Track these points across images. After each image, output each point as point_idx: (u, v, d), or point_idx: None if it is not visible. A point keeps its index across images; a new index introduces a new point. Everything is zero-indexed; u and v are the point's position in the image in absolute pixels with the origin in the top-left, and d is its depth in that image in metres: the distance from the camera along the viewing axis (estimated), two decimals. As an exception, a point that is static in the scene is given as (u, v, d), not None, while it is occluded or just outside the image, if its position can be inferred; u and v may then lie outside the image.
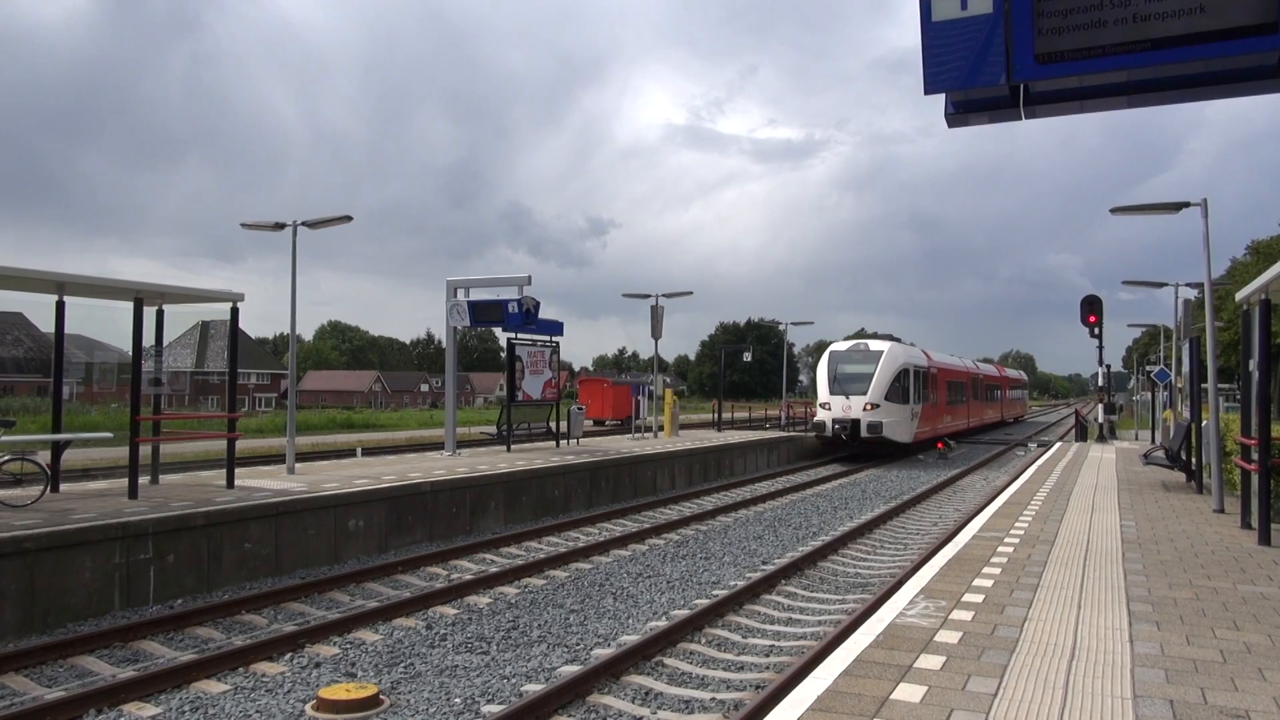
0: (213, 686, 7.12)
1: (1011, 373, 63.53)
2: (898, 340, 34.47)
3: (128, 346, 11.96)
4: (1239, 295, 11.46)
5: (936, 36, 4.01)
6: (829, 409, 28.42)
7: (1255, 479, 10.76)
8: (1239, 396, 13.88)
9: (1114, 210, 15.76)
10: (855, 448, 28.62)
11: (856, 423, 27.68)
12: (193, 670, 7.31)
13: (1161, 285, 26.49)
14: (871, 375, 28.31)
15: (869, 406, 27.81)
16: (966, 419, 40.80)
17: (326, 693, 6.73)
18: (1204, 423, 14.27)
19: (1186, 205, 14.04)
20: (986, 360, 64.07)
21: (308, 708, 6.67)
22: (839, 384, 28.72)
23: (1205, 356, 13.75)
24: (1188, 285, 25.63)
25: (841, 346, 30.69)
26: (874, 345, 30.35)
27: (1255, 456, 10.62)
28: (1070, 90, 4.18)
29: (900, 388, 28.86)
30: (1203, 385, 15.76)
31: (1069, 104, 4.29)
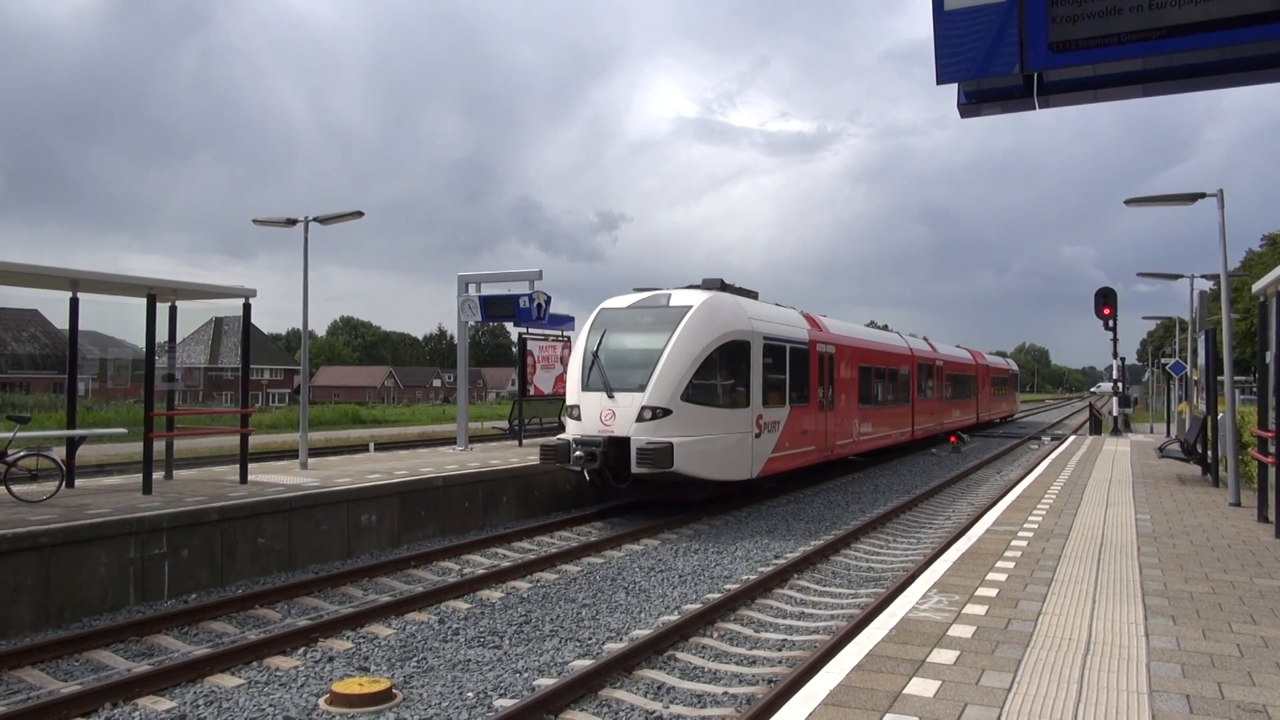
0: (227, 680, 7.15)
1: (993, 360, 46.58)
2: (732, 289, 17.25)
3: (141, 343, 12.03)
4: (1255, 287, 11.36)
5: (949, 26, 3.97)
6: (578, 417, 14.85)
7: (1272, 472, 10.67)
8: (1255, 389, 13.76)
9: (1128, 201, 15.64)
10: (625, 488, 14.85)
11: (621, 443, 14.14)
12: (207, 664, 7.35)
13: (1177, 277, 26.28)
14: (659, 354, 14.53)
15: (647, 413, 14.19)
16: (909, 424, 27.48)
17: (340, 686, 6.75)
18: (1220, 415, 14.16)
19: (1202, 196, 13.91)
20: (968, 347, 44.32)
21: (321, 701, 6.70)
22: (600, 370, 14.91)
23: (1221, 348, 13.63)
24: (1203, 277, 25.44)
25: (620, 301, 16.16)
26: (679, 297, 15.60)
27: (1272, 449, 10.52)
28: (1084, 79, 4.13)
29: (721, 377, 15.14)
30: (1219, 378, 15.63)
31: (1083, 93, 4.24)
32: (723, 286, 16.81)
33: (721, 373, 15.10)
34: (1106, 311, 25.86)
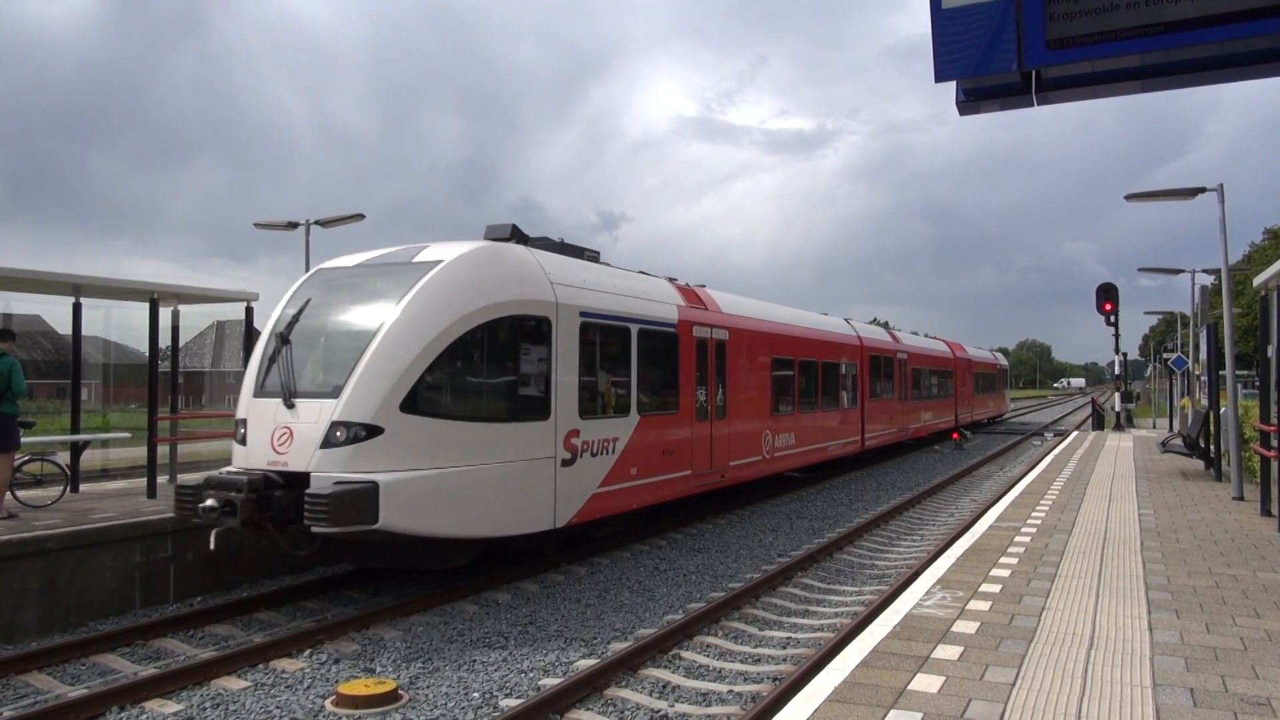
0: (233, 683, 7.17)
1: (976, 353, 40.49)
2: (537, 243, 11.80)
3: (144, 347, 12.07)
4: (1257, 281, 11.37)
5: (947, 24, 3.99)
6: (243, 440, 9.27)
7: (1275, 466, 10.69)
8: (1258, 383, 13.76)
9: (1129, 197, 15.65)
10: (310, 555, 9.29)
11: (298, 482, 8.57)
12: (213, 667, 7.36)
13: (1178, 272, 26.31)
14: (370, 338, 9.03)
15: (340, 432, 8.61)
16: (856, 431, 21.92)
17: (346, 688, 6.77)
18: (1222, 410, 14.16)
19: (1202, 191, 13.93)
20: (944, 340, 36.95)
21: (328, 703, 6.72)
22: (283, 364, 9.33)
23: (1223, 343, 13.64)
24: (1205, 271, 25.46)
25: (346, 261, 10.59)
26: (433, 252, 10.03)
27: (1275, 443, 10.53)
28: (1083, 75, 4.15)
29: (488, 373, 9.98)
30: (1221, 372, 15.63)
31: (1082, 90, 4.26)
32: (517, 236, 11.28)
33: (489, 366, 9.77)
34: (1108, 307, 25.89)
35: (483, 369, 9.83)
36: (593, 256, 12.91)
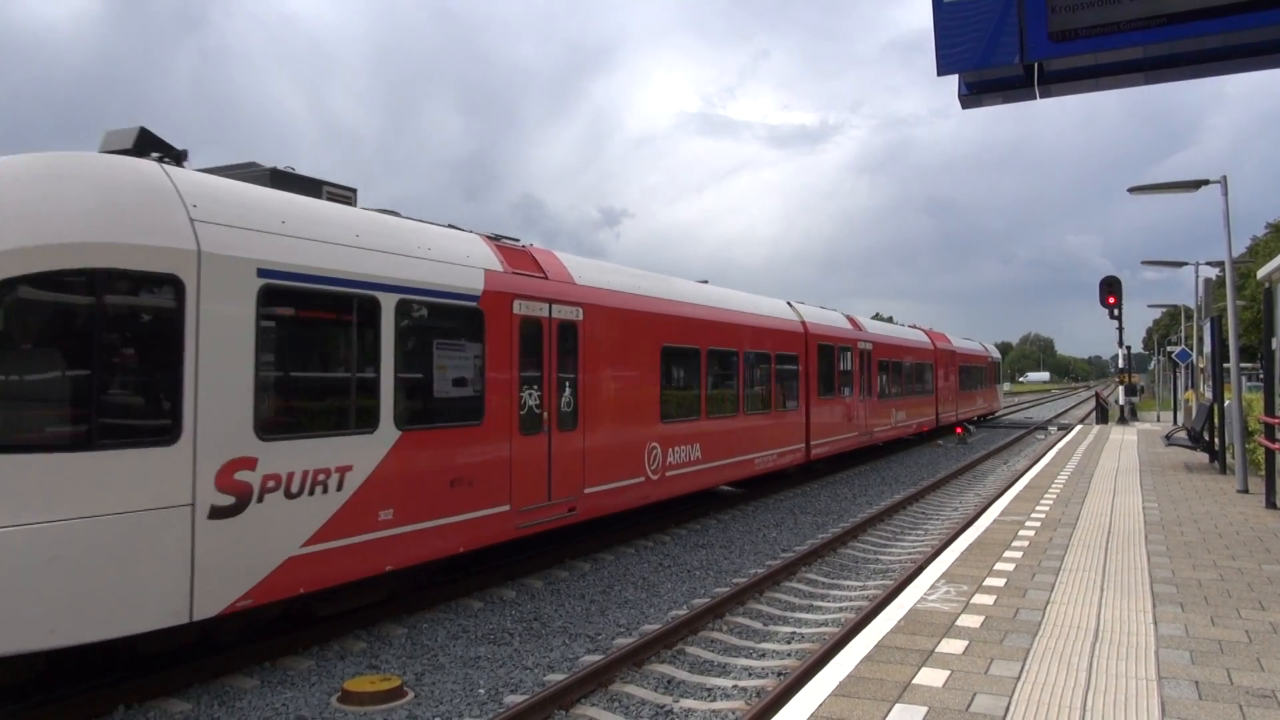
0: (241, 681, 7.19)
1: (962, 344, 35.79)
2: (128, 151, 6.88)
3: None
4: (1260, 273, 11.35)
5: (948, 17, 3.98)
6: None
7: (1279, 458, 10.67)
8: (1262, 375, 13.74)
9: (1132, 190, 15.62)
10: None
11: None
12: (220, 665, 7.37)
13: (1182, 265, 26.23)
14: None
15: None
16: (800, 438, 18.18)
17: (352, 685, 6.79)
18: (1226, 402, 14.14)
19: (1205, 183, 13.89)
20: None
21: (334, 700, 6.74)
22: None
23: (1227, 336, 13.61)
24: (1208, 264, 25.39)
25: None
26: None
27: (1279, 435, 10.52)
28: (1085, 68, 4.14)
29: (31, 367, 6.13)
30: (1225, 365, 15.61)
31: (1084, 82, 4.25)
32: (146, 145, 7.17)
33: (32, 356, 6.23)
34: (1111, 301, 25.87)
35: (16, 361, 6.09)
36: (341, 196, 8.82)
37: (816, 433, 18.91)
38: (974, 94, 4.32)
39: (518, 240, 11.11)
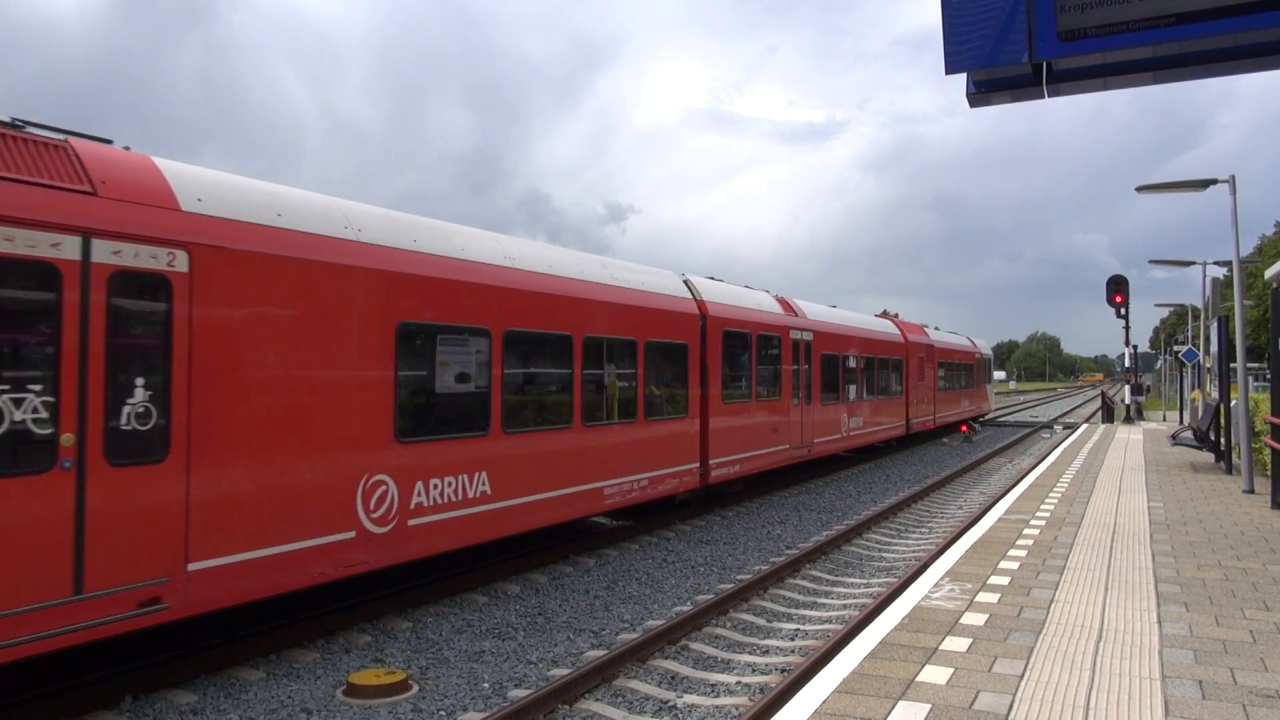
0: (247, 673, 7.22)
1: (941, 337, 31.42)
2: None
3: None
4: (1268, 273, 11.31)
5: (957, 15, 3.98)
6: None
7: (1286, 459, 10.64)
8: (1269, 375, 13.71)
9: (1140, 189, 15.56)
10: None
11: None
12: (226, 657, 7.41)
13: (1189, 264, 26.12)
14: None
15: None
16: (693, 455, 13.86)
17: (357, 678, 6.82)
18: (1233, 402, 14.11)
19: (1214, 182, 13.84)
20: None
21: (339, 693, 6.77)
22: None
23: (1234, 335, 13.57)
24: (1216, 264, 25.28)
25: None
26: None
27: (1286, 436, 10.49)
28: (1094, 67, 4.14)
29: None
30: (1231, 364, 15.56)
31: (1093, 81, 4.25)
32: None
33: None
34: (1118, 300, 25.80)
35: None
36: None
37: (719, 448, 14.49)
38: (982, 92, 4.32)
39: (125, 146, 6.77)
